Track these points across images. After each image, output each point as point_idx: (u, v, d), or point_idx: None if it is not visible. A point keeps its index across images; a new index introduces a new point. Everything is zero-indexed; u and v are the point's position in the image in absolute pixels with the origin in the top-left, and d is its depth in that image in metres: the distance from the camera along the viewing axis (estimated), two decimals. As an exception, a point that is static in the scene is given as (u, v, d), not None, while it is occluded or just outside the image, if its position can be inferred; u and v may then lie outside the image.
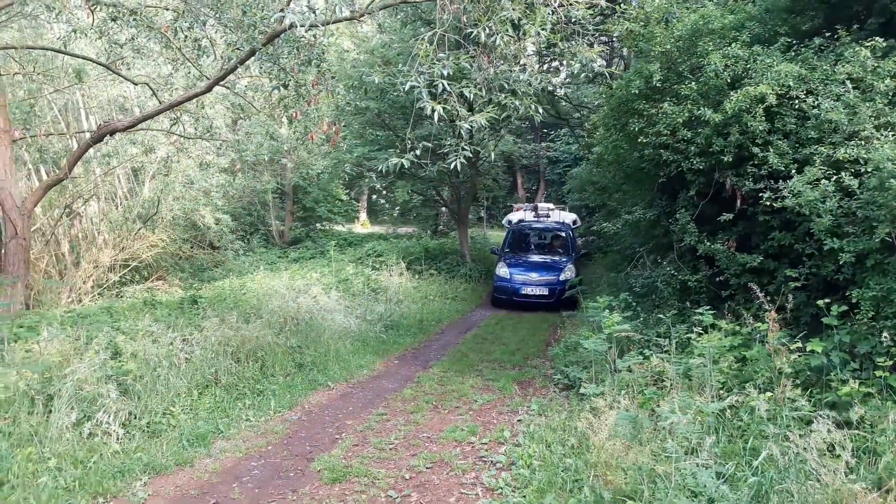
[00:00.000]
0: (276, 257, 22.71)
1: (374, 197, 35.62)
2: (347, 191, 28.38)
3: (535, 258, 16.12)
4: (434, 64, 6.14)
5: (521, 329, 12.48)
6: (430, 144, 6.14)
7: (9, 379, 5.75)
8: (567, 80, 20.04)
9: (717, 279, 7.38)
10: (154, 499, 5.10)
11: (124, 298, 14.26)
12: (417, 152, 6.10)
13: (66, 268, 16.67)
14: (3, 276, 8.70)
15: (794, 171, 6.31)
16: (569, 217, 18.91)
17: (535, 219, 18.21)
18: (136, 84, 10.73)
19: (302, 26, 5.48)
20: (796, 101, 6.61)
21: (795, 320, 6.70)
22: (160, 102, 10.07)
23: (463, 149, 6.07)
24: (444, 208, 22.10)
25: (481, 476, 5.56)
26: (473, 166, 18.00)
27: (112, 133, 9.14)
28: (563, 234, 16.96)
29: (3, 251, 8.98)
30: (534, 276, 14.97)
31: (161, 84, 12.49)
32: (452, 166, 5.95)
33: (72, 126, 16.92)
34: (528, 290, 14.73)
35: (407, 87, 5.97)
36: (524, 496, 5.05)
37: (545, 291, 14.66)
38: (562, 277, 14.66)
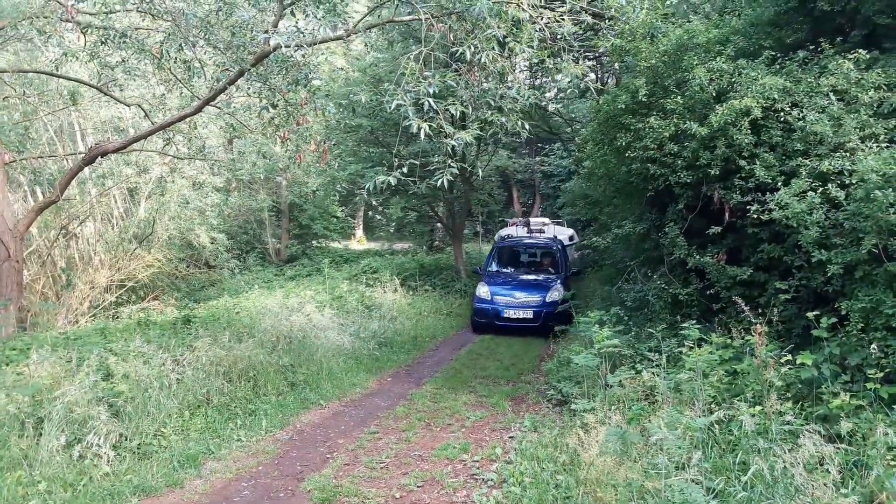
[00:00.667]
0: (273, 275, 22.68)
1: (371, 213, 35.67)
2: (343, 207, 28.40)
3: (521, 277, 14.71)
4: (420, 82, 6.17)
5: (515, 344, 12.44)
6: (416, 162, 6.15)
7: (-2, 403, 5.72)
8: (560, 95, 20.10)
9: (708, 292, 7.38)
10: (143, 522, 5.08)
11: (120, 319, 14.24)
12: (404, 169, 6.12)
13: (63, 289, 16.67)
14: (7, 299, 8.68)
15: (780, 184, 6.33)
16: (565, 232, 18.09)
17: (527, 234, 17.38)
18: (128, 105, 10.77)
19: (287, 47, 5.51)
20: (782, 114, 6.65)
21: (787, 332, 6.69)
22: (153, 123, 10.10)
23: (450, 166, 6.09)
24: (439, 224, 22.10)
25: (472, 494, 5.53)
26: (467, 181, 18.04)
27: (103, 154, 9.16)
28: (553, 251, 15.50)
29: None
30: (518, 296, 13.48)
31: (155, 105, 12.55)
32: (440, 183, 5.95)
33: (68, 147, 16.98)
34: (511, 313, 13.24)
35: (393, 106, 6.01)
36: (515, 514, 5.03)
37: (529, 314, 13.15)
38: (549, 298, 13.21)
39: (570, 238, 17.82)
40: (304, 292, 13.89)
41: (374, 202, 16.72)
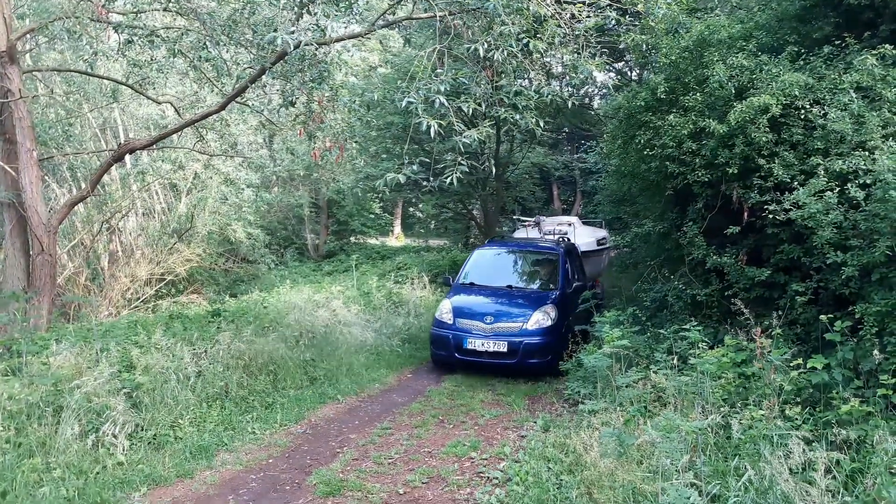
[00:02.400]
0: (311, 271, 23.00)
1: (412, 210, 35.85)
2: (382, 204, 28.62)
3: (500, 294, 10.57)
4: (432, 80, 6.18)
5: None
6: (428, 160, 6.17)
7: (18, 391, 5.92)
8: (591, 90, 19.88)
9: (727, 293, 7.24)
10: (149, 510, 5.21)
11: (158, 312, 14.63)
12: (415, 167, 6.14)
13: (105, 281, 17.20)
14: (31, 290, 8.97)
15: (799, 183, 6.17)
16: (594, 234, 15.58)
17: (540, 236, 14.57)
18: (159, 103, 11.03)
19: (297, 47, 5.58)
20: (802, 112, 6.47)
21: (806, 335, 6.53)
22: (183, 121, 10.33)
23: (460, 163, 6.09)
24: (472, 221, 22.08)
25: (475, 492, 5.54)
26: (501, 178, 18.02)
27: (131, 151, 9.41)
28: (551, 260, 11.26)
29: (31, 267, 9.27)
30: (488, 321, 9.60)
31: (189, 103, 12.85)
32: (449, 181, 5.96)
33: (110, 144, 17.47)
34: (477, 344, 9.39)
35: (404, 104, 6.03)
36: (513, 513, 5.02)
37: (502, 347, 9.28)
38: (531, 325, 9.43)
39: (600, 241, 15.15)
40: (333, 288, 14.05)
41: (413, 199, 16.58)
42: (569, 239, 12.98)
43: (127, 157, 16.14)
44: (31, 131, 8.75)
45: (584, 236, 14.70)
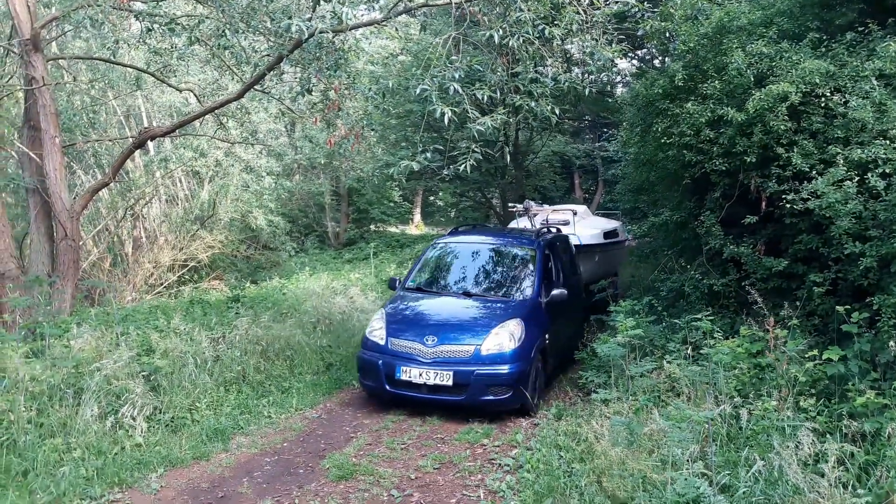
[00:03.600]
0: (331, 258, 23.16)
1: (431, 198, 35.85)
2: (401, 192, 28.66)
3: (452, 305, 8.11)
4: (447, 67, 6.18)
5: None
6: (441, 147, 6.17)
7: (41, 372, 6.05)
8: (617, 78, 19.65)
9: (744, 284, 7.17)
10: (166, 490, 5.31)
11: (180, 298, 14.83)
12: (428, 155, 6.15)
13: (128, 267, 17.47)
14: (55, 275, 9.14)
15: (818, 173, 6.08)
16: (600, 226, 13.24)
17: (532, 227, 11.61)
18: (180, 91, 11.14)
19: (311, 35, 5.61)
20: (823, 100, 6.37)
21: (825, 327, 6.45)
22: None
23: (473, 151, 6.09)
24: (491, 210, 22.03)
25: (486, 478, 5.58)
26: (520, 167, 17.94)
27: (152, 138, 9.53)
28: (526, 258, 8.59)
29: (55, 252, 9.43)
30: (430, 342, 7.20)
31: (214, 90, 12.96)
32: (462, 168, 5.97)
33: (134, 131, 17.68)
34: (413, 374, 7.09)
35: (418, 91, 6.05)
36: (522, 500, 5.04)
37: (445, 379, 6.98)
38: (487, 347, 7.11)
39: (609, 234, 13.01)
40: (352, 275, 14.13)
41: (423, 188, 16.49)
42: (559, 230, 10.35)
43: (150, 144, 16.36)
44: (55, 118, 8.88)
45: (588, 228, 12.40)
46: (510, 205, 14.81)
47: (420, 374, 7.02)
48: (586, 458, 5.37)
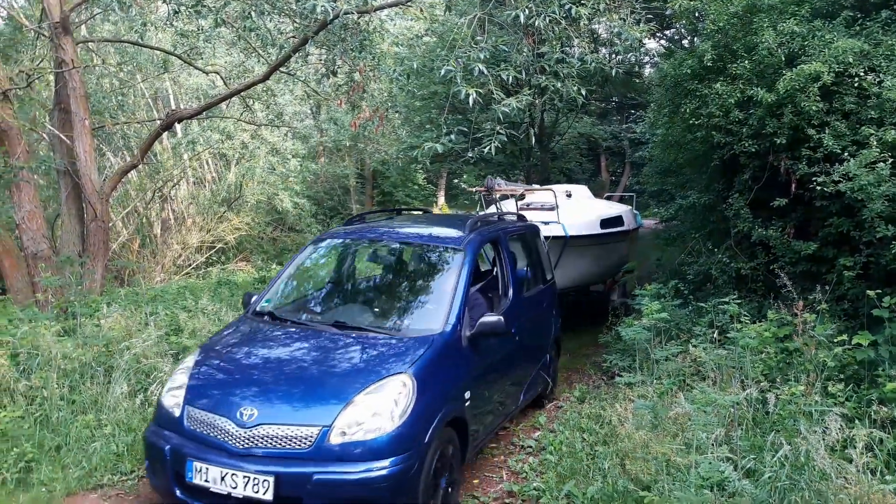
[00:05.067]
0: (356, 240, 23.17)
1: (455, 181, 35.79)
2: (426, 175, 28.69)
3: (305, 347, 4.75)
4: (471, 48, 6.14)
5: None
6: (465, 129, 6.15)
7: (72, 351, 6.18)
8: (646, 58, 19.39)
9: (772, 267, 7.07)
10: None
11: (208, 278, 15.05)
12: (453, 137, 6.13)
13: (157, 248, 17.75)
14: (85, 255, 9.30)
15: (848, 155, 5.96)
16: (598, 212, 10.44)
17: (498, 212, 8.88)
18: (207, 73, 11.21)
19: (336, 17, 5.59)
20: (856, 80, 6.22)
21: (855, 311, 6.35)
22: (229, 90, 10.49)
23: (498, 132, 6.05)
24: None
25: (508, 460, 5.61)
26: (545, 149, 17.82)
27: (179, 120, 9.62)
28: (436, 269, 5.60)
29: (85, 233, 9.59)
30: (247, 417, 4.02)
31: (240, 73, 13.02)
32: (486, 150, 5.94)
33: (161, 113, 17.87)
34: (213, 475, 3.89)
35: (443, 73, 6.02)
36: (545, 481, 5.05)
37: (262, 491, 3.78)
38: (337, 432, 3.91)
39: (609, 222, 10.18)
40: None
41: (448, 171, 16.35)
42: (522, 217, 7.53)
43: (177, 126, 16.52)
44: (84, 101, 8.98)
45: (578, 214, 9.63)
46: (475, 188, 12.30)
47: (223, 478, 3.86)
48: (609, 441, 5.36)
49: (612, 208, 11.42)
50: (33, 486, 4.81)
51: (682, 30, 14.55)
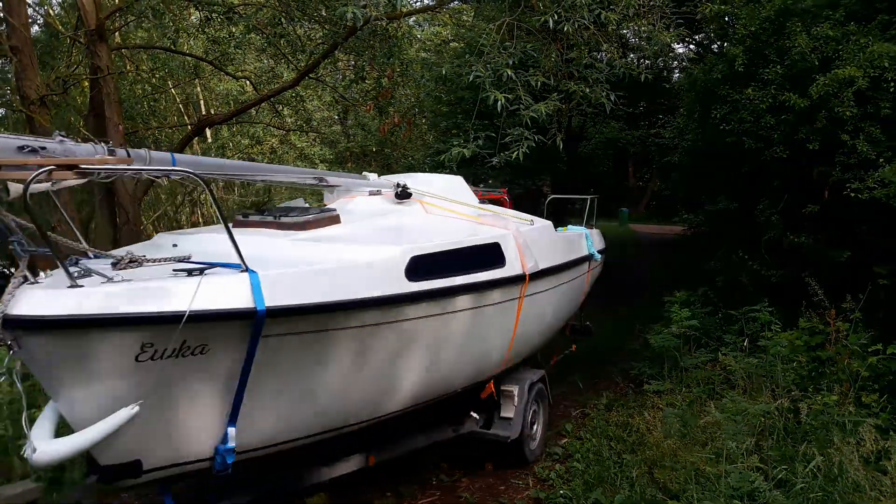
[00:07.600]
0: (380, 245, 23.22)
1: (481, 186, 35.72)
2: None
3: None
4: (500, 53, 6.15)
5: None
6: (494, 134, 6.16)
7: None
8: (675, 63, 19.17)
9: (803, 275, 6.95)
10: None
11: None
12: (480, 142, 6.14)
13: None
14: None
15: (884, 161, 5.85)
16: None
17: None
18: (237, 79, 11.34)
19: (366, 23, 5.64)
20: (892, 84, 6.10)
21: (889, 320, 6.22)
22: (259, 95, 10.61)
23: (526, 138, 6.05)
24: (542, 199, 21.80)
25: (535, 467, 5.57)
26: (573, 155, 17.65)
27: (210, 125, 9.75)
28: None
29: (118, 236, 9.74)
30: None
31: (270, 78, 13.16)
32: (515, 156, 5.94)
33: (192, 118, 18.13)
34: None
35: (471, 78, 6.03)
36: (572, 489, 5.02)
37: None
38: None
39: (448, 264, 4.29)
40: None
41: (473, 176, 16.18)
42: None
43: (208, 131, 16.74)
44: (118, 107, 9.14)
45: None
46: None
47: None
48: (637, 449, 5.31)
49: (578, 230, 7.18)
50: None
51: (712, 34, 14.35)
